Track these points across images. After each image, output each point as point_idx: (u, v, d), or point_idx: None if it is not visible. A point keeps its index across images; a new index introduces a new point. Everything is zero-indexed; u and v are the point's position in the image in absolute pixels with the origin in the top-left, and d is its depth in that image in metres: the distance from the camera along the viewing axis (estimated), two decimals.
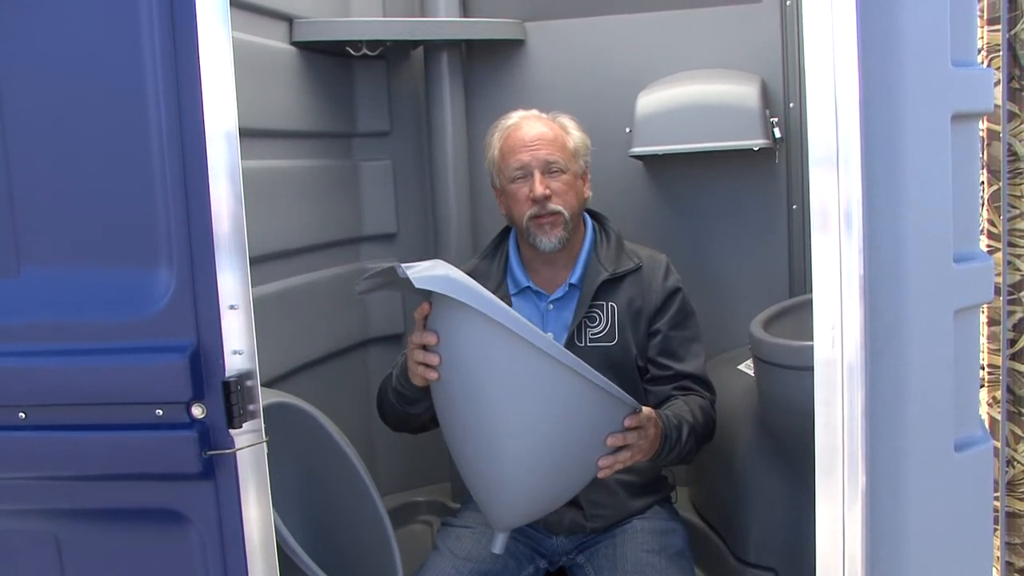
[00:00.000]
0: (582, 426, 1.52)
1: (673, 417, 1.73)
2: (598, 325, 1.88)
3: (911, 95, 1.18)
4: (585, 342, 1.87)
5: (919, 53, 1.18)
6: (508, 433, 1.49)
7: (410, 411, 1.77)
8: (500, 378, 1.47)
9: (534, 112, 1.97)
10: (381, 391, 1.87)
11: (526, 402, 1.47)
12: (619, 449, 1.56)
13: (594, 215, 2.02)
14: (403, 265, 1.44)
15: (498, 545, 1.62)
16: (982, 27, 1.93)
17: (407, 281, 1.43)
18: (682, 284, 1.95)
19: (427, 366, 1.53)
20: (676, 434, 1.72)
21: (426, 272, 1.43)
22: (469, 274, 1.98)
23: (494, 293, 1.91)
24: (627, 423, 1.55)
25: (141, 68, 1.29)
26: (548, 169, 1.86)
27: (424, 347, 1.54)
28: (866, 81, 1.16)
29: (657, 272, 1.93)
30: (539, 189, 1.84)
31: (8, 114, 1.35)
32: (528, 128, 1.91)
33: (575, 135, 1.94)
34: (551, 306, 1.92)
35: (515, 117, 1.96)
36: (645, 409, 1.60)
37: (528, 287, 1.93)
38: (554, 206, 1.85)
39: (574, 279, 1.92)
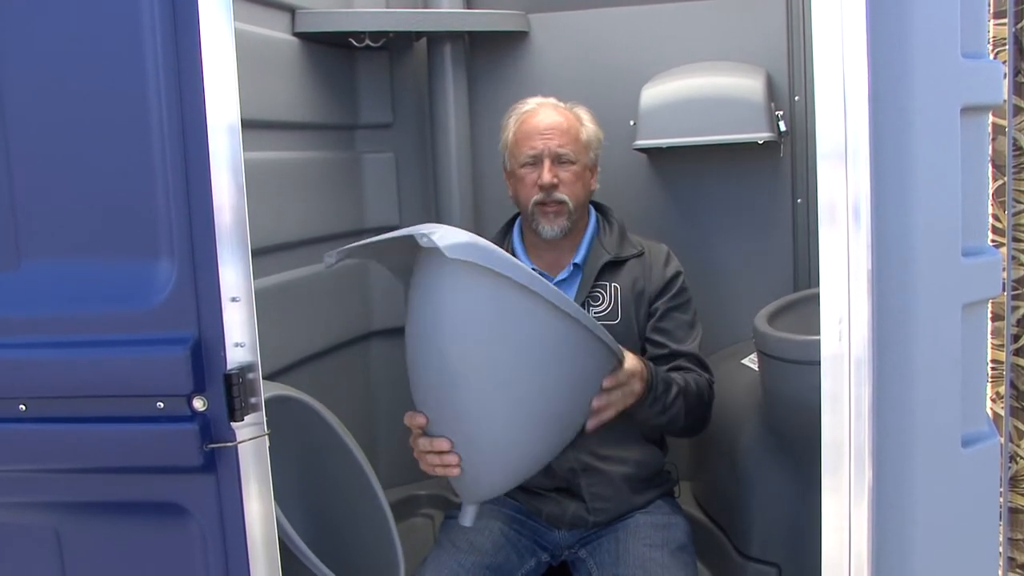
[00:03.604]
0: (573, 377, 1.50)
1: (664, 373, 1.77)
2: (601, 304, 1.90)
3: (920, 87, 1.17)
4: None
5: (929, 44, 1.17)
6: (501, 392, 1.44)
7: None
8: (503, 337, 1.42)
9: (552, 100, 1.99)
10: None
11: (525, 356, 1.43)
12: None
13: (598, 206, 2.04)
14: (422, 233, 1.35)
15: (468, 518, 1.59)
16: (989, 21, 1.93)
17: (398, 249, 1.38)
18: (683, 271, 1.97)
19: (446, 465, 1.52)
20: (663, 387, 1.74)
21: (451, 240, 1.35)
22: None
23: None
24: (605, 383, 1.57)
25: (142, 59, 1.28)
26: (558, 159, 1.90)
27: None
28: (875, 73, 1.15)
29: (659, 258, 1.96)
30: (547, 177, 1.87)
31: (8, 105, 1.34)
32: (544, 116, 1.93)
33: (588, 127, 1.97)
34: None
35: (533, 103, 1.98)
36: (628, 361, 1.62)
37: (533, 270, 1.94)
38: (560, 195, 1.88)
39: (578, 259, 1.94)
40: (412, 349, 1.51)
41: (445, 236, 1.35)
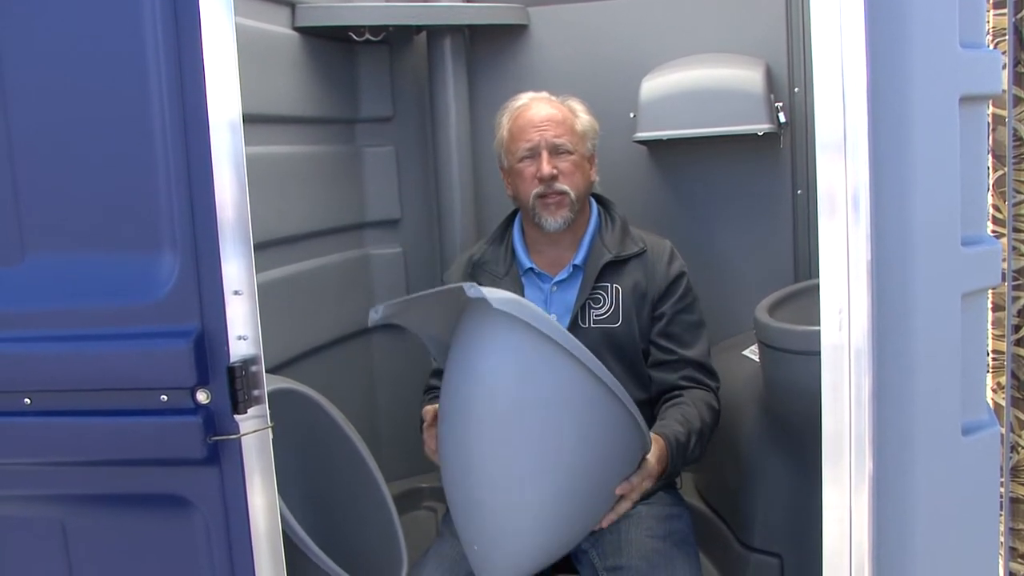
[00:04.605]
0: (608, 461, 1.47)
1: (682, 430, 1.72)
2: (602, 306, 1.89)
3: (919, 77, 1.17)
4: (589, 323, 1.87)
5: (927, 35, 1.18)
6: (540, 462, 1.41)
7: None
8: (540, 398, 1.40)
9: (544, 94, 1.99)
10: None
11: (564, 429, 1.40)
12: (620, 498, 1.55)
13: (600, 200, 2.03)
14: (471, 285, 1.35)
15: None
16: (988, 11, 1.92)
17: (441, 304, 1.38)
18: (687, 269, 1.95)
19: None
20: (680, 453, 1.71)
21: (498, 294, 1.35)
22: (478, 260, 1.99)
23: (505, 276, 1.92)
24: (634, 479, 1.54)
25: (144, 54, 1.29)
26: (556, 150, 1.89)
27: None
28: (874, 64, 1.15)
29: (662, 257, 1.94)
30: (546, 168, 1.87)
31: (12, 102, 1.35)
32: (537, 109, 1.93)
33: (583, 118, 1.96)
34: (555, 288, 1.93)
35: (525, 98, 1.98)
36: (653, 451, 1.59)
37: (531, 269, 1.94)
38: (560, 186, 1.88)
39: (578, 260, 1.93)
40: (447, 404, 1.50)
41: (493, 291, 1.35)
